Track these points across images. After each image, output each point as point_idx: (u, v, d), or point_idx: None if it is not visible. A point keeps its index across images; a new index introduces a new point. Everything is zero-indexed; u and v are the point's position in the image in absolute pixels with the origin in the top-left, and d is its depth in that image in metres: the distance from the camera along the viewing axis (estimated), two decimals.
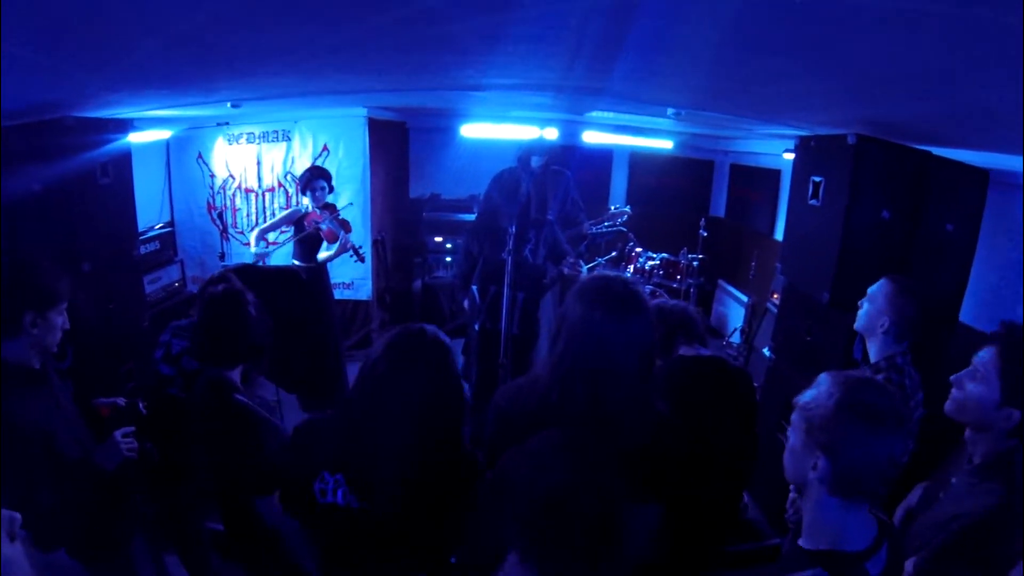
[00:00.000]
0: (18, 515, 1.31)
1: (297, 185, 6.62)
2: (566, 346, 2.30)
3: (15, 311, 2.71)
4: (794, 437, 1.93)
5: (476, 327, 5.67)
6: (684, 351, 3.23)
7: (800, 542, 1.89)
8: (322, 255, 6.33)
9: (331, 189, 6.49)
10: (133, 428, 2.97)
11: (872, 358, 3.27)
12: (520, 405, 2.41)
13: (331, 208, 6.41)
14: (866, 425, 1.76)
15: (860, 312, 3.33)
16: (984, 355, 2.42)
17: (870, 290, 3.30)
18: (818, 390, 1.88)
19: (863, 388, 1.82)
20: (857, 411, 1.77)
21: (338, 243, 6.23)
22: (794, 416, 1.93)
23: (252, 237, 6.42)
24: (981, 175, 4.12)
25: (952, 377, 2.52)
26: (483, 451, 2.61)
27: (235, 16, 2.27)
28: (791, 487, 2.13)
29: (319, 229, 6.23)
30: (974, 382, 2.42)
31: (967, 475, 2.41)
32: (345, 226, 6.31)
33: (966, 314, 4.32)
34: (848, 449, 1.77)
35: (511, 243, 4.89)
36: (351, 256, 6.29)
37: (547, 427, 1.94)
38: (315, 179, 6.29)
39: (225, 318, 3.01)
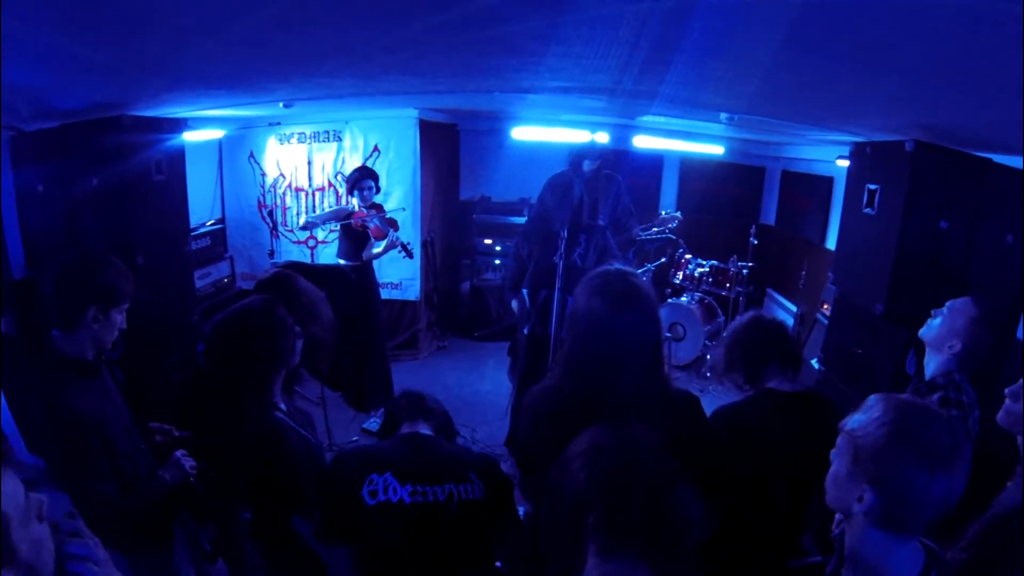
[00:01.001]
0: (45, 498, 1.34)
1: (346, 185, 6.66)
2: (573, 338, 2.39)
3: (80, 304, 2.76)
4: (839, 463, 1.79)
5: (525, 331, 5.67)
6: (777, 383, 3.04)
7: (843, 572, 1.79)
8: (370, 252, 6.37)
9: (378, 190, 6.54)
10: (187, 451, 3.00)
11: (928, 373, 3.14)
12: (544, 403, 2.45)
13: (378, 208, 6.46)
14: (921, 459, 1.60)
15: (933, 322, 3.16)
16: None
17: (950, 304, 3.13)
18: (869, 415, 1.72)
19: (920, 417, 1.67)
20: (912, 443, 1.62)
21: (386, 240, 6.27)
22: (840, 440, 1.80)
23: (302, 219, 6.49)
24: None
25: (1007, 390, 2.49)
26: (517, 454, 2.65)
27: (292, 16, 2.29)
28: None
29: (366, 227, 6.28)
30: None
31: (1019, 477, 2.37)
32: (393, 224, 6.34)
33: None
34: (899, 484, 1.62)
35: (563, 247, 4.88)
36: (400, 252, 6.31)
37: (566, 420, 1.98)
38: (363, 179, 6.33)
39: (255, 336, 2.81)
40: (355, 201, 6.38)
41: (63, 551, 1.35)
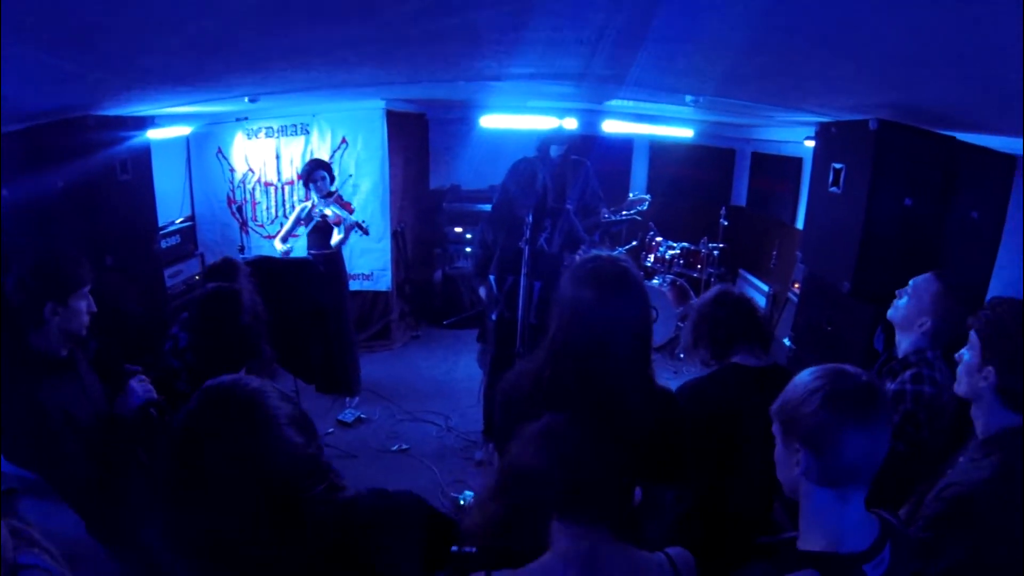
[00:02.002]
0: None
1: (299, 178, 6.68)
2: (557, 326, 2.36)
3: (35, 303, 2.78)
4: (778, 442, 1.88)
5: (493, 316, 5.67)
6: (742, 359, 3.07)
7: (798, 543, 1.82)
8: (334, 239, 6.39)
9: (332, 179, 6.56)
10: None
11: (900, 352, 3.11)
12: (520, 389, 2.45)
13: (332, 195, 6.50)
14: (842, 411, 1.69)
15: (898, 303, 3.13)
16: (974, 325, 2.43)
17: (913, 282, 3.10)
18: (791, 388, 1.84)
19: (838, 375, 1.76)
20: (832, 398, 1.71)
21: (343, 224, 6.31)
22: (775, 424, 1.89)
23: (277, 242, 6.50)
24: (1008, 161, 4.01)
25: (956, 355, 2.52)
26: (495, 439, 2.64)
27: (254, 14, 2.27)
28: None
29: (325, 216, 6.35)
30: (967, 351, 2.44)
31: (971, 451, 2.40)
32: (347, 207, 6.47)
33: None
34: (827, 437, 1.70)
35: (528, 232, 4.88)
36: (357, 232, 6.35)
37: (542, 407, 1.99)
38: (315, 170, 6.38)
39: (218, 323, 2.92)
40: (312, 194, 6.41)
41: (16, 560, 1.35)
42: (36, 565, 1.39)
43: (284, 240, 6.50)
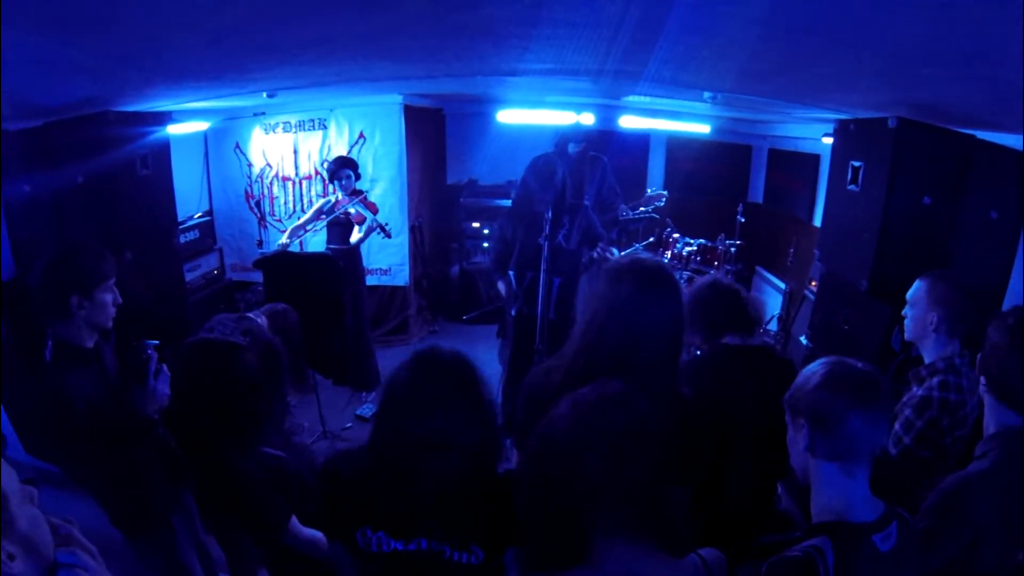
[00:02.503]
0: (34, 490, 1.37)
1: (322, 175, 6.70)
2: (592, 319, 2.38)
3: (61, 296, 2.84)
4: (790, 427, 2.03)
5: (512, 312, 5.68)
6: (730, 339, 3.20)
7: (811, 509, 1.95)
8: (353, 237, 6.42)
9: (358, 177, 6.59)
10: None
11: (928, 358, 3.09)
12: (547, 384, 2.43)
13: (358, 193, 6.52)
14: (846, 394, 1.84)
15: (906, 322, 3.16)
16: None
17: (909, 295, 3.14)
18: (802, 375, 2.00)
19: (843, 364, 1.92)
20: (837, 381, 1.87)
21: (366, 224, 6.34)
22: (787, 411, 2.03)
23: (286, 235, 6.50)
24: None
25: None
26: (515, 435, 2.63)
27: (270, 8, 2.29)
28: None
29: (348, 214, 6.39)
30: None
31: (978, 446, 2.44)
32: (372, 207, 6.44)
33: (1010, 304, 4.16)
34: (833, 416, 1.85)
35: (547, 228, 4.88)
36: (379, 234, 6.36)
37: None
38: (341, 168, 6.41)
39: (208, 396, 2.68)
40: (336, 191, 6.46)
41: (55, 559, 1.37)
42: (75, 564, 1.41)
43: (294, 235, 6.51)
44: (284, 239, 6.43)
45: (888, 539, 1.83)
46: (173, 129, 5.34)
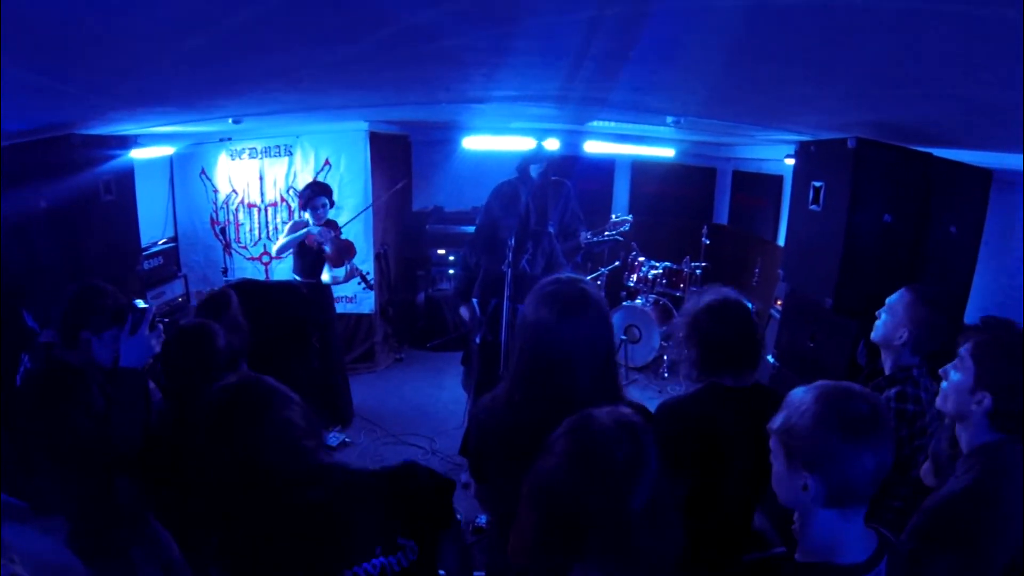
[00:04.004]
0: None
1: (298, 202, 6.64)
2: (522, 346, 2.39)
3: (74, 327, 2.99)
4: (777, 463, 1.88)
5: (477, 339, 5.67)
6: (727, 380, 2.89)
7: (796, 556, 1.85)
8: (326, 276, 6.35)
9: (332, 204, 6.51)
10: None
11: (887, 370, 3.16)
12: (493, 413, 2.46)
13: (332, 225, 6.44)
14: (846, 433, 1.71)
15: (877, 323, 3.19)
16: (965, 345, 2.44)
17: (889, 300, 3.17)
18: (791, 408, 1.82)
19: (836, 394, 1.78)
20: (835, 420, 1.72)
21: (344, 270, 6.29)
22: (772, 442, 1.89)
23: (274, 249, 6.55)
24: (983, 175, 4.09)
25: (940, 370, 2.54)
26: (471, 463, 2.64)
27: (235, 37, 2.28)
28: None
29: (321, 246, 6.27)
30: (956, 371, 2.44)
31: (957, 466, 2.41)
32: (349, 251, 6.37)
33: (971, 316, 4.25)
34: (835, 463, 1.71)
35: (510, 255, 4.89)
36: (359, 284, 6.32)
37: (518, 430, 1.98)
38: (316, 196, 6.29)
39: (188, 361, 3.02)
40: (308, 216, 6.34)
41: None
42: None
43: (281, 253, 6.45)
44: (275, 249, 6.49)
45: None
46: (138, 153, 5.28)
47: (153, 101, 3.80)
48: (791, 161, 5.48)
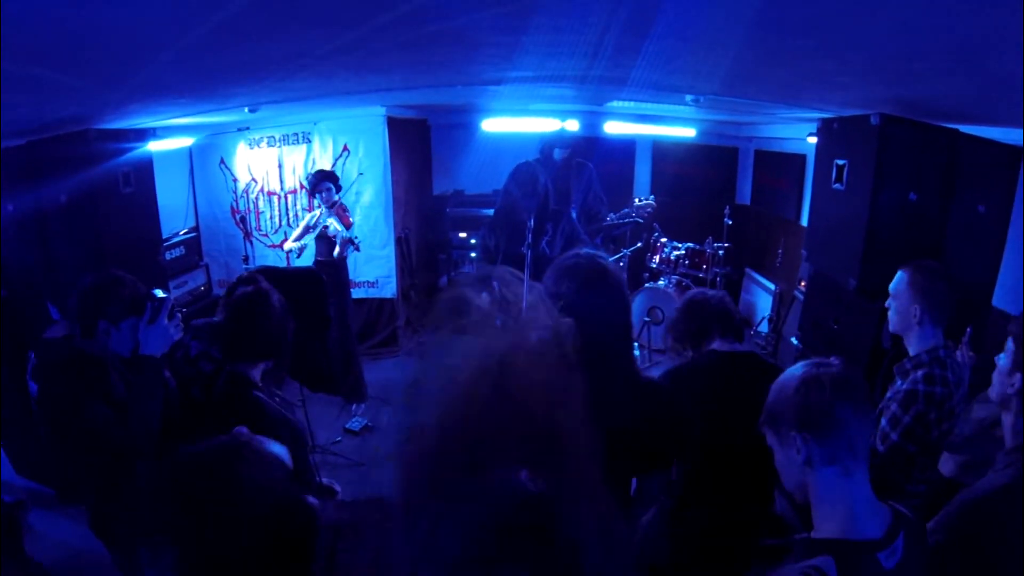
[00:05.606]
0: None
1: (305, 188, 6.74)
2: None
3: (92, 317, 2.95)
4: (777, 450, 1.94)
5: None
6: (718, 345, 3.21)
7: (811, 534, 1.84)
8: (336, 251, 6.52)
9: (339, 189, 6.67)
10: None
11: (912, 351, 3.07)
12: None
13: (339, 205, 6.62)
14: (832, 391, 1.78)
15: (889, 313, 3.16)
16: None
17: (892, 287, 3.14)
18: (771, 397, 1.93)
19: (819, 363, 1.86)
20: (816, 382, 1.81)
21: (338, 237, 6.45)
22: (767, 433, 1.96)
23: (289, 244, 6.74)
24: (1013, 153, 3.98)
25: (998, 358, 2.47)
26: None
27: (244, 25, 2.27)
28: None
29: (326, 229, 6.50)
30: (1004, 355, 2.42)
31: (998, 460, 2.35)
32: (346, 221, 6.57)
33: (1000, 298, 4.17)
34: (822, 415, 1.78)
35: (529, 237, 4.86)
36: (351, 248, 6.42)
37: None
38: (321, 181, 6.50)
39: (250, 316, 3.03)
40: (317, 203, 6.57)
41: None
42: None
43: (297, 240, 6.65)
44: (291, 244, 6.69)
45: (893, 555, 1.74)
46: (156, 145, 5.31)
47: (165, 92, 3.80)
48: (814, 139, 5.40)
